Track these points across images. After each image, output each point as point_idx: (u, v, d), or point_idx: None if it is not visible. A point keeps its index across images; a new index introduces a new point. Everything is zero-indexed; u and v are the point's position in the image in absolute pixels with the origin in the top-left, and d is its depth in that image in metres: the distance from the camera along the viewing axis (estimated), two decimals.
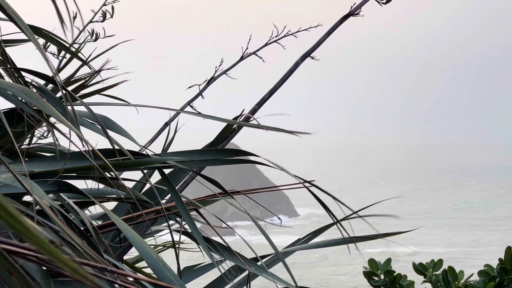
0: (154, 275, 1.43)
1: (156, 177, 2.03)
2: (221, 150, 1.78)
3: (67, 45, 2.16)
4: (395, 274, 2.65)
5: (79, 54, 2.48)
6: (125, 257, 2.54)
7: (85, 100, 1.68)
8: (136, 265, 2.43)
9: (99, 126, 1.66)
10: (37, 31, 2.05)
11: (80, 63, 2.34)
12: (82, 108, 1.72)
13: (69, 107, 1.59)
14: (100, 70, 2.16)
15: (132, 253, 2.59)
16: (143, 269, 2.20)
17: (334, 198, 1.65)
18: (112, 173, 1.53)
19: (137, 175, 1.78)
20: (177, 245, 1.72)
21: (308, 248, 2.04)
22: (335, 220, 1.73)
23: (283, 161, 1.73)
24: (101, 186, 1.77)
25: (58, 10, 1.59)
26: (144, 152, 1.63)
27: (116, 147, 1.55)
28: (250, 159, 1.69)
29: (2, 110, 1.74)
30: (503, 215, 61.65)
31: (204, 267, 2.07)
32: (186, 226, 1.90)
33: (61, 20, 1.59)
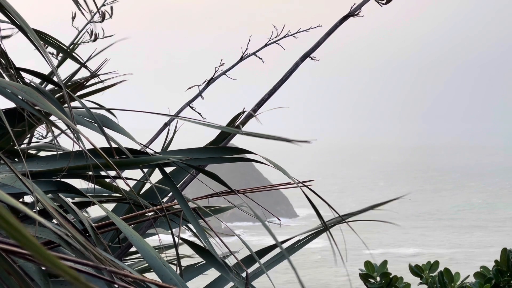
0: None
1: (155, 177, 2.03)
2: (219, 148, 1.79)
3: (65, 47, 2.16)
4: (391, 276, 2.65)
5: (78, 55, 2.48)
6: (130, 263, 2.54)
7: (84, 102, 1.68)
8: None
9: (97, 125, 1.66)
10: (36, 33, 2.04)
11: (79, 65, 2.34)
12: (80, 107, 1.72)
13: (68, 106, 1.59)
14: (97, 71, 2.15)
15: (136, 259, 2.58)
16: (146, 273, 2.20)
17: (327, 203, 1.65)
18: (111, 171, 1.53)
19: (136, 175, 1.78)
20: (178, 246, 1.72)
21: (308, 239, 2.03)
22: (325, 226, 1.73)
23: (284, 162, 1.73)
24: (99, 188, 1.76)
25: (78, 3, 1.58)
26: (145, 151, 1.63)
27: (114, 145, 1.55)
28: (248, 157, 1.69)
29: (3, 109, 1.74)
30: (504, 216, 61.60)
31: (205, 265, 2.07)
32: (185, 234, 1.90)
33: (77, 3, 1.59)
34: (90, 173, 1.57)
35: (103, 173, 1.66)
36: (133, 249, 2.13)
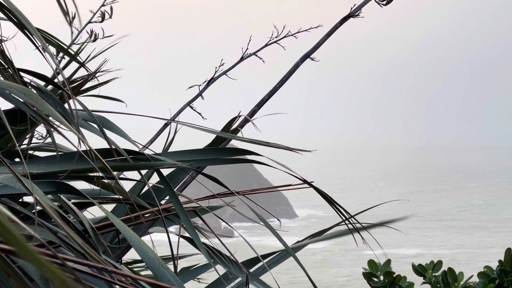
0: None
1: (156, 177, 2.03)
2: (221, 149, 1.78)
3: (65, 47, 2.16)
4: (394, 275, 2.65)
5: (79, 56, 2.48)
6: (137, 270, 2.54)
7: (82, 101, 1.68)
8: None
9: (97, 127, 1.66)
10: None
11: (78, 64, 2.34)
12: (80, 109, 1.72)
13: (69, 108, 1.59)
14: (96, 72, 2.15)
15: (141, 267, 2.57)
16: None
17: (332, 200, 1.65)
18: (111, 174, 1.53)
19: (137, 175, 1.78)
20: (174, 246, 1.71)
21: (314, 242, 2.03)
22: (344, 218, 1.73)
23: (284, 162, 1.72)
24: (99, 189, 1.76)
25: (62, 7, 1.59)
26: (143, 152, 1.63)
27: (111, 145, 1.55)
28: (251, 158, 1.69)
29: (5, 110, 1.73)
30: (505, 217, 61.56)
31: (201, 268, 2.07)
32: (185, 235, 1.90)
33: (65, 13, 1.59)
34: (92, 174, 1.57)
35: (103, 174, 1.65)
36: (138, 257, 2.13)
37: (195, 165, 1.72)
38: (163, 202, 1.98)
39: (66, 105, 1.62)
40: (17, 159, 1.90)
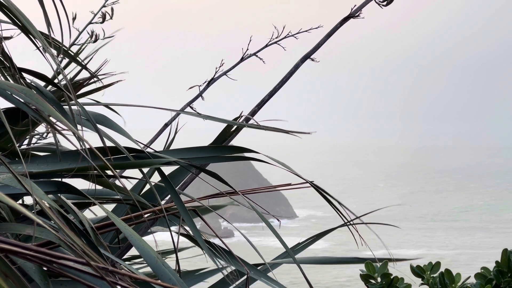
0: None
1: (157, 176, 2.03)
2: (220, 147, 1.78)
3: (66, 49, 2.16)
4: (392, 277, 2.64)
5: (79, 56, 2.48)
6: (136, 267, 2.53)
7: (82, 101, 1.68)
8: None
9: (97, 125, 1.66)
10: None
11: (78, 65, 2.34)
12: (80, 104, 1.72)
13: (69, 107, 1.59)
14: (96, 72, 2.16)
15: (140, 263, 2.58)
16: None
17: (333, 198, 1.65)
18: (111, 172, 1.53)
19: (137, 173, 1.78)
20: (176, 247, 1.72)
21: (316, 263, 2.04)
22: (345, 221, 1.73)
23: (284, 163, 1.73)
24: (100, 188, 1.76)
25: (46, 14, 1.59)
26: (143, 150, 1.63)
27: (111, 144, 1.55)
28: (250, 156, 1.69)
29: (5, 108, 1.74)
30: (506, 217, 61.53)
31: (204, 274, 2.07)
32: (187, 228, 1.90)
33: (48, 24, 1.59)
34: (92, 173, 1.57)
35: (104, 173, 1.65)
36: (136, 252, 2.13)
37: (196, 163, 1.72)
38: (163, 202, 1.98)
39: (66, 105, 1.62)
40: (17, 159, 1.90)
